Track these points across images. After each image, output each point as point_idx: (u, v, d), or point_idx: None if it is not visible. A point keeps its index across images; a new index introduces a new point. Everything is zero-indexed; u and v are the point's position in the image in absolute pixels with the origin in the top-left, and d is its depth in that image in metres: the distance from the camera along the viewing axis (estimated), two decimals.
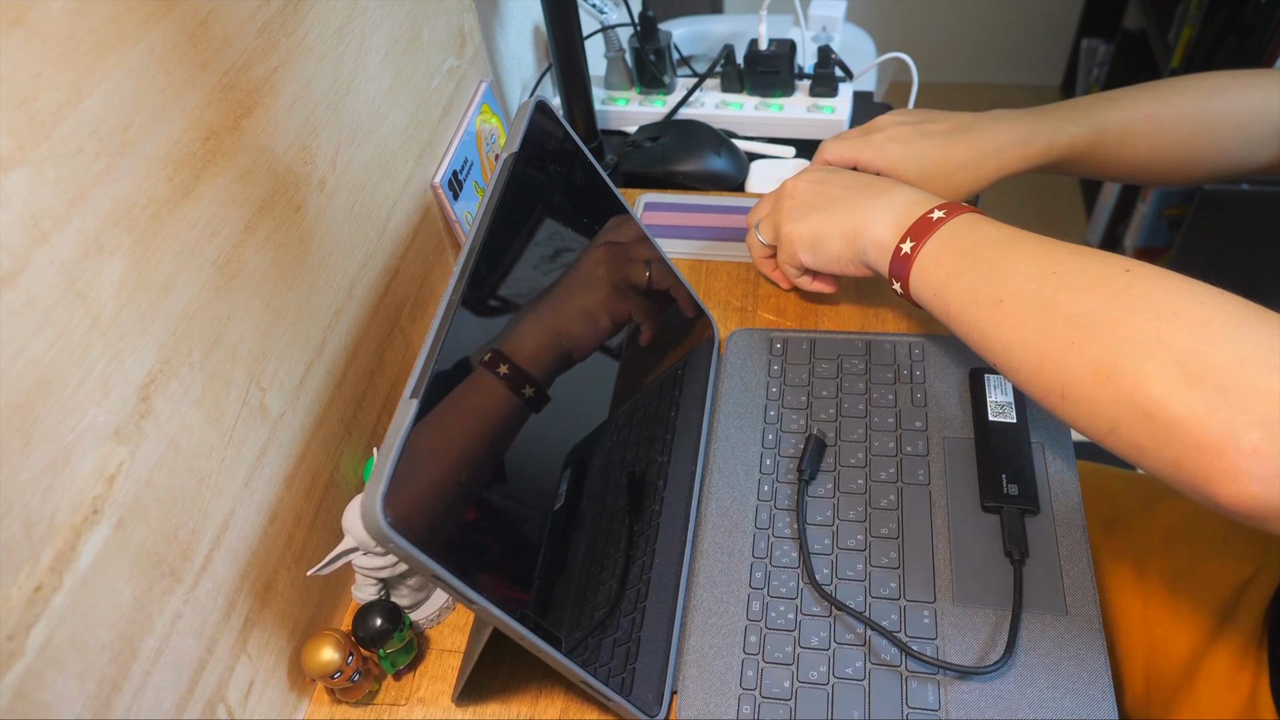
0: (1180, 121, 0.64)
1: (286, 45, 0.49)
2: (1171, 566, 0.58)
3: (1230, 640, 0.54)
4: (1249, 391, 0.35)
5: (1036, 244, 0.48)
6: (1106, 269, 0.44)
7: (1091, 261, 0.45)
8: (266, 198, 0.48)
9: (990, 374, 0.62)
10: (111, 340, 0.37)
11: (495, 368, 0.46)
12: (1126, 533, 0.60)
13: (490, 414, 0.45)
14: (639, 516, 0.54)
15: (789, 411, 0.63)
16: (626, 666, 0.49)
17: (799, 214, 0.61)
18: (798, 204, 0.62)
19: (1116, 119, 0.64)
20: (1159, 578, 0.58)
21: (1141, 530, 0.60)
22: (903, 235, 0.53)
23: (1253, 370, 0.36)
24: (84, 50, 0.35)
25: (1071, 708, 0.48)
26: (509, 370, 0.47)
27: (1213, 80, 0.64)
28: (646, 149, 0.84)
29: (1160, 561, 0.58)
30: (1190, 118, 0.64)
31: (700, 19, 1.12)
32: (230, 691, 0.47)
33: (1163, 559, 0.58)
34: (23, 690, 0.34)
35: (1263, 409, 0.35)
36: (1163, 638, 0.56)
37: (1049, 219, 2.04)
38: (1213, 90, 0.63)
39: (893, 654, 0.51)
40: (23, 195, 0.33)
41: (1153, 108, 0.64)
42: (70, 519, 0.36)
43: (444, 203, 0.69)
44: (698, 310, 0.67)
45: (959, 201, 0.54)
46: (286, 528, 0.51)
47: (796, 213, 0.61)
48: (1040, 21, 2.24)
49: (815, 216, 0.60)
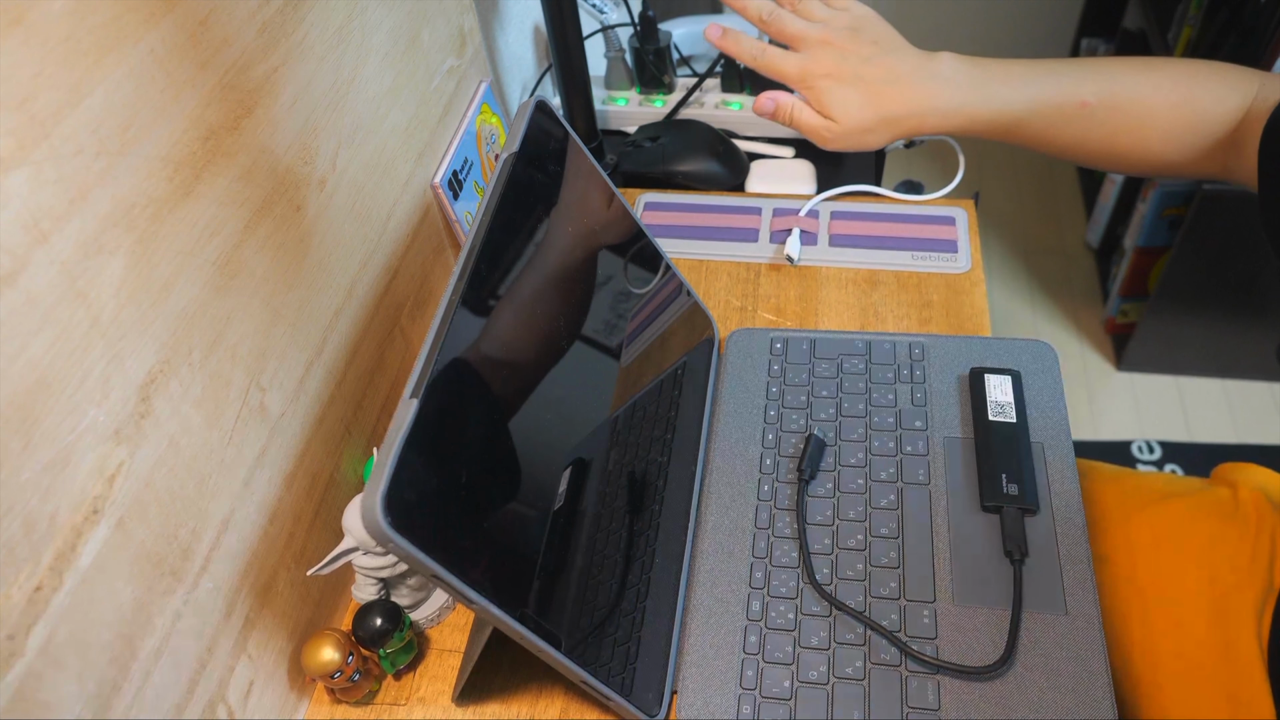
0: (1114, 113, 0.64)
1: (286, 45, 0.49)
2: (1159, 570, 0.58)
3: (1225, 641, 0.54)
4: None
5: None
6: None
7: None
8: (266, 198, 0.48)
9: (990, 374, 0.62)
10: (111, 340, 0.37)
11: (495, 367, 0.46)
12: (1118, 533, 0.60)
13: (490, 413, 0.45)
14: (639, 516, 0.54)
15: (789, 411, 0.63)
16: (626, 666, 0.49)
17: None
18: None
19: (1050, 99, 0.65)
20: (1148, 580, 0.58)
21: (1132, 532, 0.60)
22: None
23: None
24: (84, 50, 0.35)
25: (1071, 708, 0.48)
26: (509, 370, 0.47)
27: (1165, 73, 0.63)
28: (646, 149, 0.84)
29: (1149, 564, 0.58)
30: (1125, 111, 0.64)
31: (700, 19, 1.12)
32: (230, 691, 0.47)
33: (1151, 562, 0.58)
34: (23, 690, 0.34)
35: None
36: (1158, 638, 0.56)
37: (1049, 218, 2.05)
38: (1159, 85, 0.63)
39: (892, 654, 0.51)
40: (23, 195, 0.33)
41: (1094, 93, 0.64)
42: (70, 519, 0.36)
43: (444, 203, 0.69)
44: (697, 310, 0.67)
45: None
46: (286, 528, 0.51)
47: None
48: (1040, 21, 2.24)
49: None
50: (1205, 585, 0.56)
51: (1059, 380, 0.63)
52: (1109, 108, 0.64)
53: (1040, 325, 1.86)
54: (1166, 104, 0.63)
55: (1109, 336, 1.82)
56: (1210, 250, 1.50)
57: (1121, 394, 1.74)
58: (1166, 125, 0.63)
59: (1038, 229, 2.03)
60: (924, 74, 0.68)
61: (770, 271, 0.75)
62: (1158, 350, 1.71)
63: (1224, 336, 1.64)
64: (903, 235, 0.76)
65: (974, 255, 0.74)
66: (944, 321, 0.70)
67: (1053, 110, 0.65)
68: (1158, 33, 1.64)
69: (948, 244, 0.75)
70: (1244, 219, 1.45)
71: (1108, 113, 0.64)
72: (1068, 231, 2.03)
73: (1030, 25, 2.26)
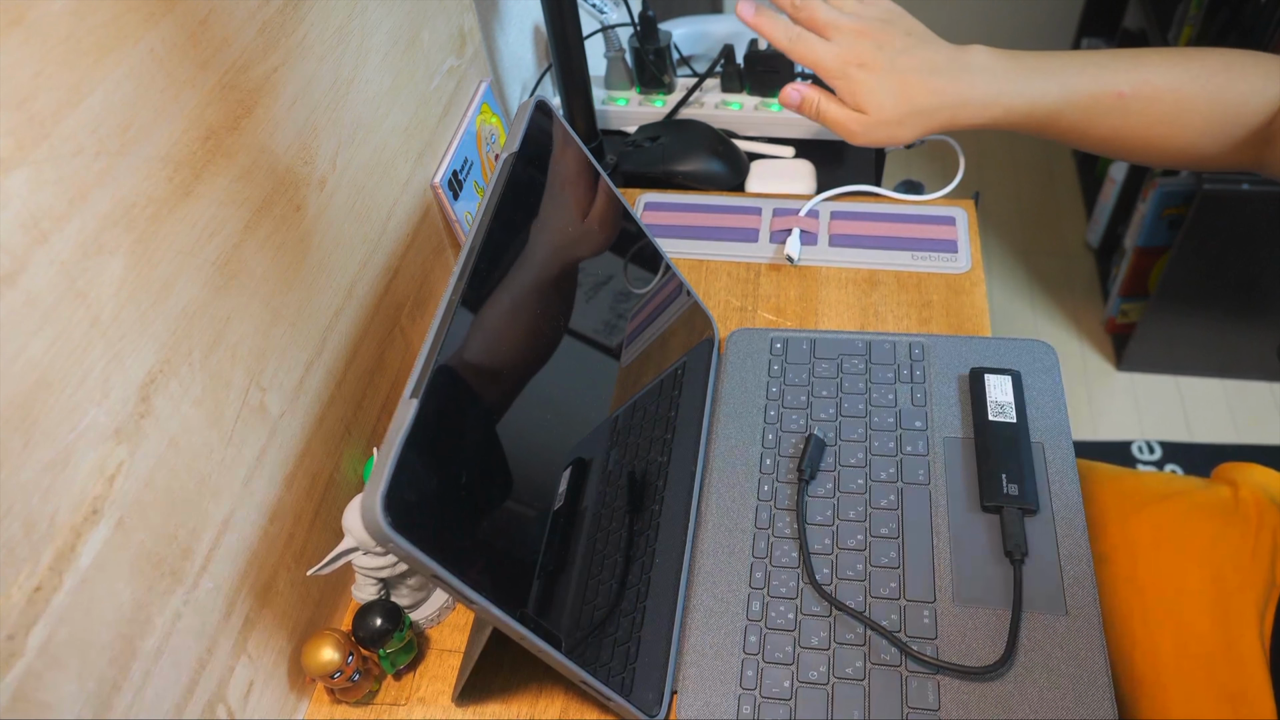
0: (1151, 104, 0.63)
1: (286, 45, 0.49)
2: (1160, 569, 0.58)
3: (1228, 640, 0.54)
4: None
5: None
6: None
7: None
8: (266, 198, 0.48)
9: (990, 374, 0.62)
10: (111, 340, 0.37)
11: (494, 367, 0.46)
12: (1118, 533, 0.60)
13: (490, 413, 0.45)
14: (639, 516, 0.54)
15: (789, 411, 0.63)
16: (626, 666, 0.49)
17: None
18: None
19: (1086, 90, 0.64)
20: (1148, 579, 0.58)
21: (1132, 531, 0.60)
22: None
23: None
24: (84, 50, 0.35)
25: (1071, 708, 0.48)
26: (509, 370, 0.47)
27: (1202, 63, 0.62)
28: (646, 149, 0.84)
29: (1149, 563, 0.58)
30: (1162, 101, 0.63)
31: (700, 19, 1.12)
32: (230, 691, 0.47)
33: (1151, 561, 0.58)
34: (23, 690, 0.34)
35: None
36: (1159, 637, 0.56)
37: (1049, 218, 2.05)
38: (1197, 75, 0.62)
39: (892, 654, 0.51)
40: (23, 195, 0.33)
41: (1129, 84, 0.63)
42: (70, 519, 0.36)
43: (444, 203, 0.69)
44: (697, 310, 0.67)
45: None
46: (286, 528, 0.51)
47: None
48: (1040, 21, 2.25)
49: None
50: (1207, 584, 0.56)
51: (1059, 380, 0.63)
52: (1146, 98, 0.63)
53: (1040, 325, 1.86)
54: (1204, 94, 0.62)
55: (1109, 336, 1.82)
56: (1210, 250, 1.50)
57: (1121, 394, 1.74)
58: (1204, 116, 0.62)
59: (1038, 229, 2.03)
60: (958, 66, 0.66)
61: (770, 271, 0.75)
62: (1158, 350, 1.71)
63: (1224, 336, 1.64)
64: (903, 235, 0.76)
65: (974, 255, 0.74)
66: (944, 321, 0.70)
67: (1089, 101, 0.64)
68: (1158, 32, 1.64)
69: (948, 244, 0.75)
70: (1244, 219, 1.45)
71: (1145, 104, 0.63)
72: (1068, 231, 2.03)
73: (1030, 25, 2.26)
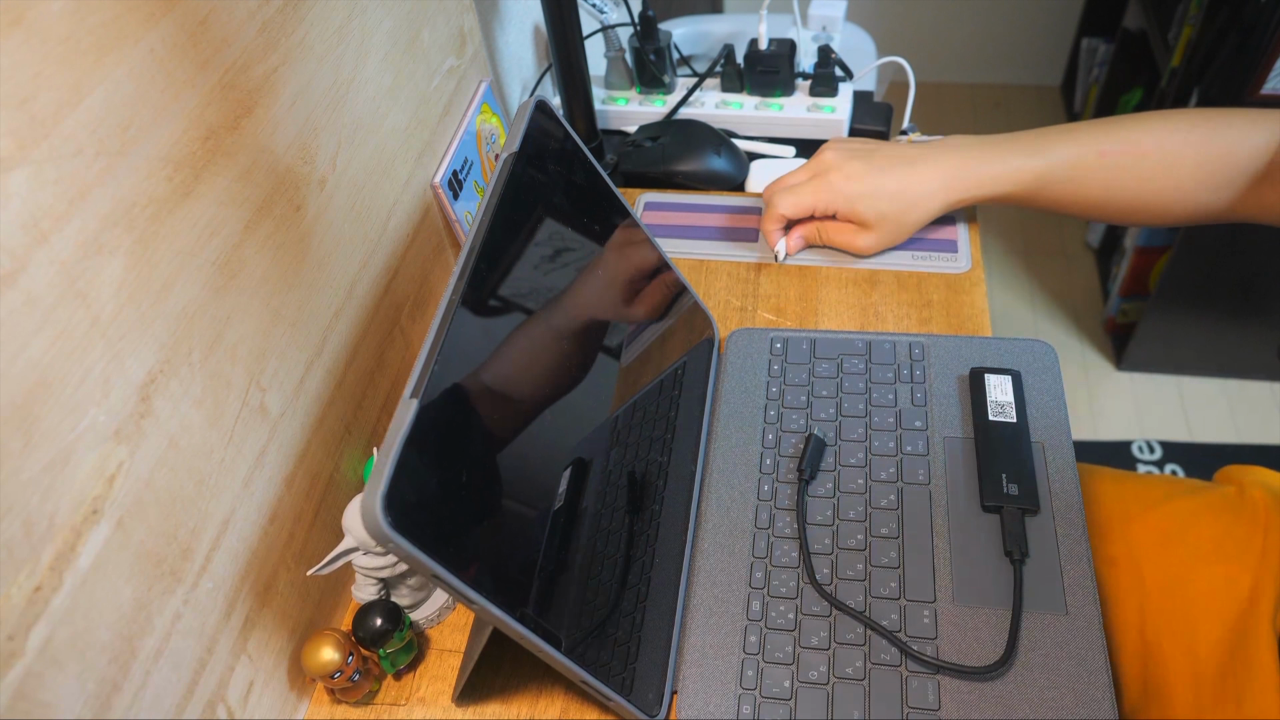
0: (1139, 161, 0.64)
1: (286, 45, 0.49)
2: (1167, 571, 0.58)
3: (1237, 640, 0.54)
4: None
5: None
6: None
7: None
8: (266, 198, 0.48)
9: (990, 374, 0.62)
10: (111, 340, 0.37)
11: (495, 367, 0.46)
12: (1123, 536, 0.60)
13: (490, 414, 0.45)
14: (639, 516, 0.54)
15: (789, 411, 0.63)
16: (626, 666, 0.49)
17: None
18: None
19: (1069, 154, 0.65)
20: (1155, 582, 0.58)
21: (1137, 534, 0.60)
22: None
23: None
24: (84, 50, 0.35)
25: (1071, 708, 0.48)
26: (509, 371, 0.47)
27: (1183, 118, 0.63)
28: (646, 149, 0.84)
29: (1156, 566, 0.58)
30: (1149, 157, 0.63)
31: (700, 19, 1.12)
32: (230, 691, 0.47)
33: (1158, 563, 0.58)
34: (23, 690, 0.34)
35: None
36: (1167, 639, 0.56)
37: (1049, 218, 2.04)
38: (1177, 128, 0.63)
39: (892, 654, 0.51)
40: (23, 195, 0.33)
41: (1111, 144, 0.64)
42: (70, 519, 0.36)
43: (444, 203, 0.69)
44: (698, 310, 0.67)
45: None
46: (286, 528, 0.51)
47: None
48: (1041, 21, 2.24)
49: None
50: (1215, 584, 0.56)
51: (1059, 380, 0.63)
52: (1133, 155, 0.64)
53: (1040, 325, 1.86)
54: (1189, 146, 0.63)
55: (1109, 336, 1.82)
56: (1210, 250, 1.50)
57: (1121, 394, 1.74)
58: (1194, 166, 0.63)
59: (1038, 229, 2.03)
60: (938, 150, 0.69)
61: (770, 271, 0.75)
62: (1158, 350, 1.71)
63: (1224, 336, 1.64)
64: None
65: (974, 255, 0.74)
66: (944, 321, 0.70)
67: (1073, 161, 0.65)
68: (1158, 33, 1.64)
69: (948, 244, 0.75)
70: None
71: (1133, 160, 0.64)
72: (1068, 231, 2.02)
73: (1030, 25, 2.26)
